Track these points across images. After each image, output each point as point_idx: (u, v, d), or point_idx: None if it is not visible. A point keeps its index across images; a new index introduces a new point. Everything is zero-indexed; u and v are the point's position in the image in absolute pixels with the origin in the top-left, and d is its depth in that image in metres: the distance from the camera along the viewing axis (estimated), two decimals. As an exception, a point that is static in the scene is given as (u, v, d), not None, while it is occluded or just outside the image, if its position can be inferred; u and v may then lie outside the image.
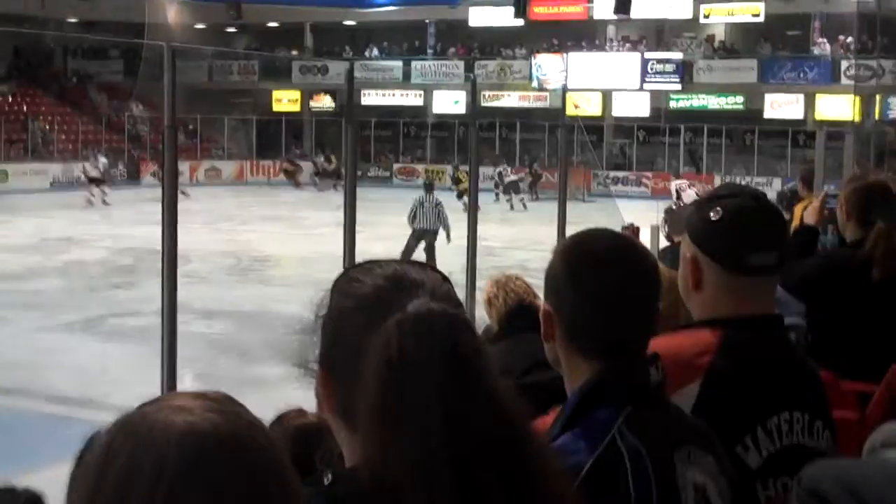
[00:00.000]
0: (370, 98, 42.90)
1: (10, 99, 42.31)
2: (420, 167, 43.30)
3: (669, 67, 39.66)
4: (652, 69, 39.74)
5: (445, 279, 1.47)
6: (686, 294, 2.31)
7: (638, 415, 1.76)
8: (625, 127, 41.58)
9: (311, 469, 1.56)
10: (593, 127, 38.53)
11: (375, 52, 45.49)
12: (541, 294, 4.63)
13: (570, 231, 8.51)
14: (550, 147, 38.58)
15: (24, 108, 42.11)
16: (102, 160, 34.46)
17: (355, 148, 6.58)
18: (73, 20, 45.48)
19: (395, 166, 43.57)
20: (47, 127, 41.55)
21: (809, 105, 37.49)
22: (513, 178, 33.54)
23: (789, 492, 1.96)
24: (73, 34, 45.50)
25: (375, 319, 1.36)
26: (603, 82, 39.95)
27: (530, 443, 1.37)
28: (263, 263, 20.91)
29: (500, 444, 1.32)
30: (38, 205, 31.92)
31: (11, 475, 7.48)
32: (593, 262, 1.90)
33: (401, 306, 1.35)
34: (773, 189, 30.94)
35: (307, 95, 45.52)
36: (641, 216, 15.81)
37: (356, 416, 1.36)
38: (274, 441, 1.07)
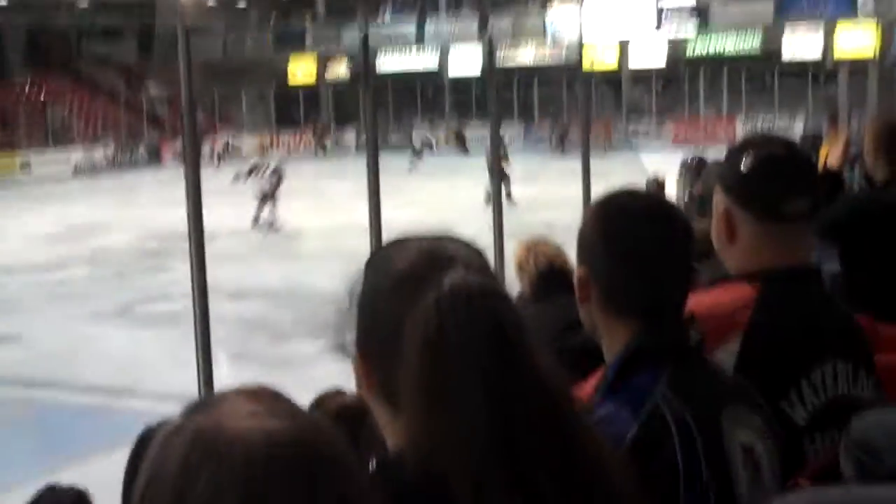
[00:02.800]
0: (385, 61, 42.74)
1: (28, 86, 42.38)
2: (440, 129, 43.28)
3: (684, 12, 39.31)
4: (667, 15, 39.41)
5: (481, 253, 1.44)
6: (721, 248, 2.27)
7: (680, 377, 1.73)
8: (643, 76, 41.29)
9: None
10: (611, 78, 38.35)
11: (389, 11, 45.21)
12: (571, 255, 4.61)
13: (595, 186, 8.46)
14: (569, 101, 38.35)
15: (42, 94, 42.19)
16: None
17: (374, 114, 6.53)
18: (84, 3, 45.49)
19: (415, 130, 43.50)
20: (66, 112, 41.64)
21: (828, 41, 37.03)
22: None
23: (837, 445, 1.92)
24: (85, 16, 45.52)
25: (412, 297, 1.32)
26: (619, 31, 39.66)
27: (574, 418, 1.35)
28: (290, 238, 20.91)
29: (546, 421, 1.30)
30: (61, 192, 32.05)
31: (52, 468, 7.54)
32: (627, 222, 1.87)
33: (438, 282, 1.32)
34: (795, 129, 30.75)
35: (322, 64, 45.36)
36: (664, 167, 15.70)
37: (398, 397, 1.33)
38: (337, 434, 1.05)
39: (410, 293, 1.33)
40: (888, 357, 3.38)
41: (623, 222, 1.87)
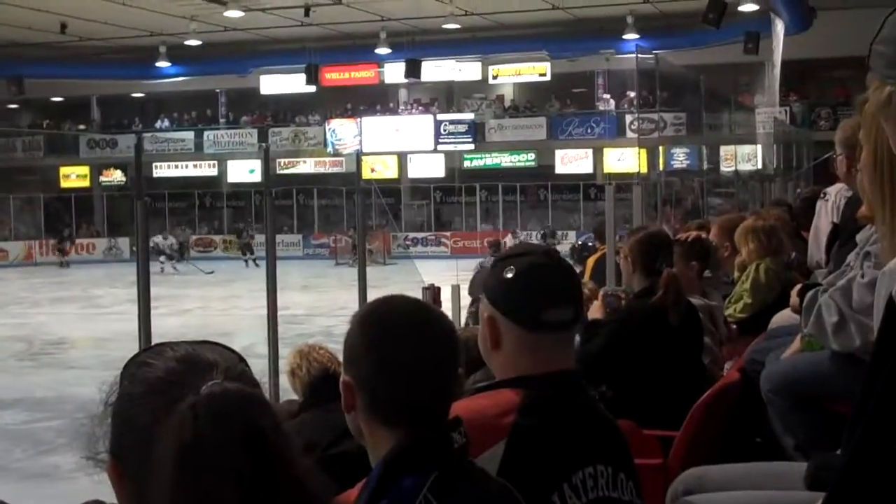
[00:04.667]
0: (162, 170, 42.23)
1: None
2: (217, 238, 42.84)
3: (461, 128, 40.40)
4: (445, 130, 40.40)
5: (241, 359, 1.43)
6: (486, 354, 2.31)
7: (444, 482, 1.73)
8: (421, 188, 42.07)
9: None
10: (390, 189, 38.89)
11: (166, 122, 44.70)
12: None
13: (372, 295, 8.51)
14: (348, 212, 38.64)
15: None
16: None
17: (146, 223, 6.42)
18: None
19: (192, 238, 42.83)
20: None
21: (598, 159, 38.73)
22: None
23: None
24: None
25: (168, 403, 1.30)
26: (397, 145, 40.42)
27: None
28: (57, 346, 20.12)
29: None
30: None
31: None
32: (389, 331, 1.88)
33: (194, 388, 1.30)
34: (568, 241, 31.84)
35: (96, 170, 44.32)
36: (441, 276, 15.95)
37: None
38: None
39: (166, 399, 1.31)
40: (649, 458, 3.50)
41: (384, 330, 1.89)
